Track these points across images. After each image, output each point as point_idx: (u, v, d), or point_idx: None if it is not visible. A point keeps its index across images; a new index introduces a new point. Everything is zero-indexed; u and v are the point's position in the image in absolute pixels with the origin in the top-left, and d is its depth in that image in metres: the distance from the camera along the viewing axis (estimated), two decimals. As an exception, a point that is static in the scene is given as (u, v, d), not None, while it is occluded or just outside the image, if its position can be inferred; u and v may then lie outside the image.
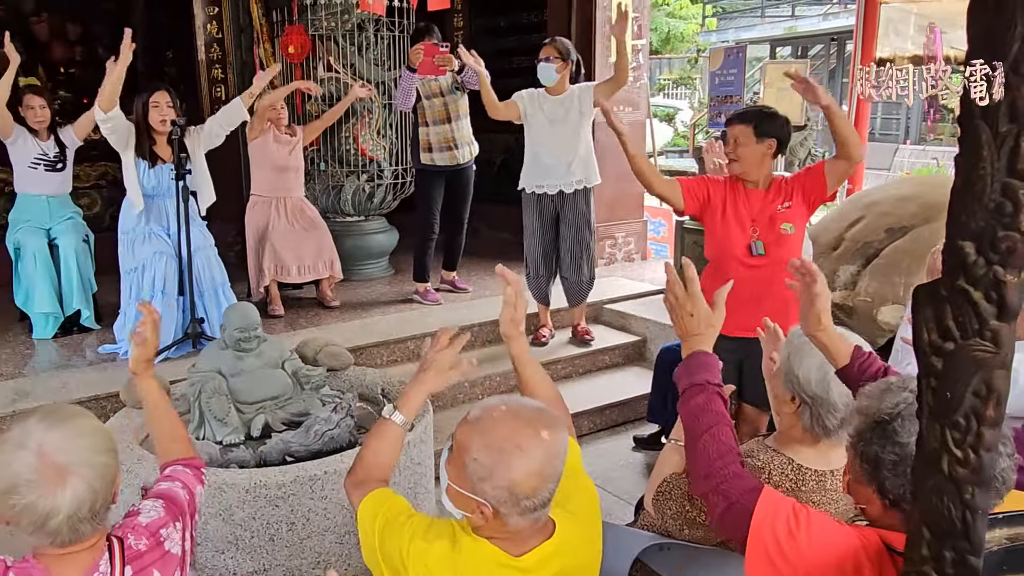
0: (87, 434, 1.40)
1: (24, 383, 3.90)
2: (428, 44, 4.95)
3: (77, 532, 1.38)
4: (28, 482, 1.32)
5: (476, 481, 1.45)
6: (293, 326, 4.84)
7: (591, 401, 4.43)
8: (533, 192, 4.66)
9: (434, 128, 5.26)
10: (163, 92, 4.22)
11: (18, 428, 1.38)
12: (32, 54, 8.05)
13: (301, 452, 3.12)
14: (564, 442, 1.50)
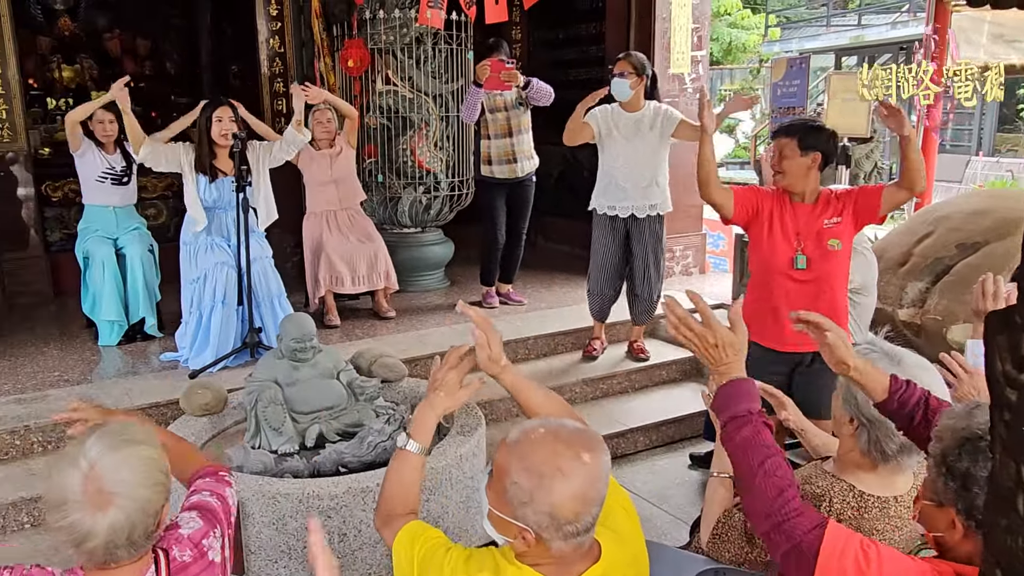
0: (137, 465, 1.42)
1: (89, 389, 4.01)
2: (495, 60, 5.02)
3: (114, 556, 1.40)
4: (74, 501, 1.36)
5: (517, 506, 1.40)
6: (349, 336, 4.87)
7: (647, 417, 4.35)
8: (604, 213, 4.60)
9: (495, 141, 5.30)
10: (225, 107, 4.33)
11: (78, 444, 1.41)
12: (104, 69, 8.37)
13: (354, 463, 3.13)
14: (606, 464, 1.46)
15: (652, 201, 4.54)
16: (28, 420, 3.61)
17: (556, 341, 4.92)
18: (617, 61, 4.47)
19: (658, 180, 4.56)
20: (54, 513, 1.36)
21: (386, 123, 5.77)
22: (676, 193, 6.30)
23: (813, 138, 3.10)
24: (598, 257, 4.67)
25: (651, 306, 4.77)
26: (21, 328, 5.16)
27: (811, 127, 3.16)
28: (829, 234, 3.12)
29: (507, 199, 5.44)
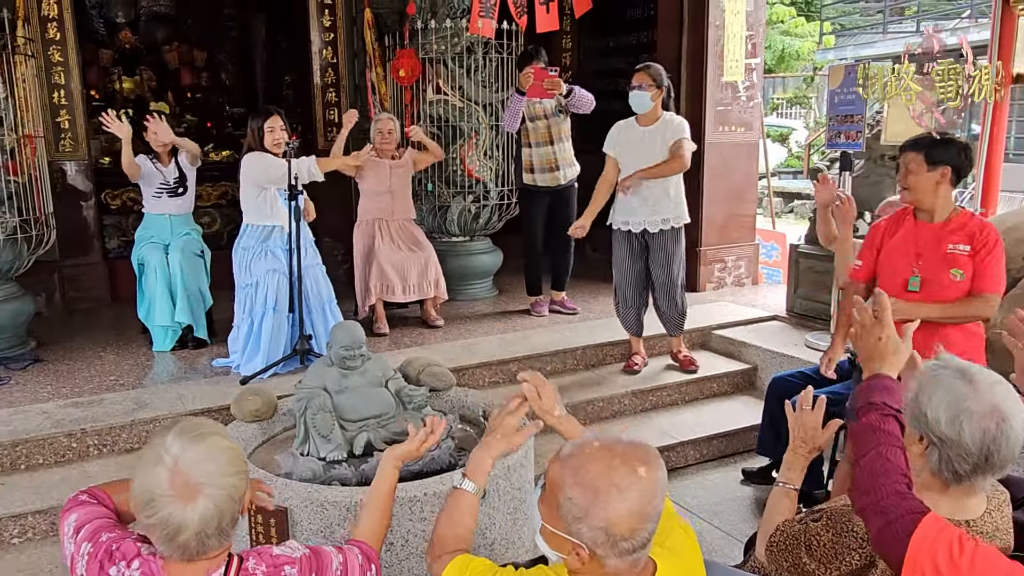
0: (219, 455, 1.45)
1: (143, 394, 4.07)
2: (538, 68, 5.00)
3: (204, 546, 1.43)
4: (163, 496, 1.38)
5: (571, 521, 1.37)
6: (397, 344, 4.88)
7: (697, 430, 4.26)
8: (619, 228, 4.57)
9: (537, 149, 5.28)
10: (276, 116, 4.40)
11: (157, 442, 1.44)
12: (162, 80, 8.58)
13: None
14: (663, 479, 1.42)
15: (663, 215, 4.46)
16: (85, 423, 3.67)
17: (604, 352, 4.86)
18: (635, 73, 4.41)
19: (668, 192, 4.45)
20: (145, 510, 1.40)
21: (436, 132, 5.79)
22: (727, 203, 6.26)
23: (941, 152, 2.99)
24: (618, 273, 4.65)
25: (678, 318, 4.67)
26: (80, 333, 5.29)
27: (939, 140, 3.04)
28: (953, 261, 2.97)
29: (549, 207, 5.42)
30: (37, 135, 4.88)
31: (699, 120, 6.04)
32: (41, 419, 3.74)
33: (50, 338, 5.11)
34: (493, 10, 5.28)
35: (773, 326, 5.35)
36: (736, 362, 4.97)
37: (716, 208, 6.24)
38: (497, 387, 4.48)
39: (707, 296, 6.10)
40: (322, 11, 6.25)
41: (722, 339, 5.17)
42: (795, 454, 2.07)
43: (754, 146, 6.55)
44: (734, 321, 5.38)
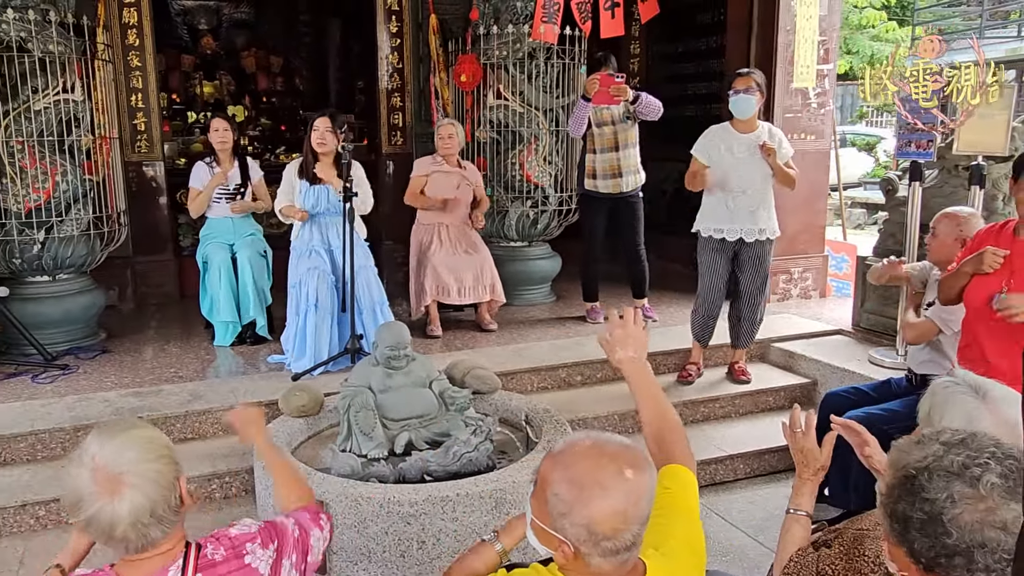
0: (137, 444, 1.45)
1: (200, 386, 4.20)
2: (604, 74, 4.99)
3: (147, 538, 1.42)
4: (89, 494, 1.39)
5: (556, 517, 1.38)
6: (449, 347, 4.91)
7: (749, 444, 4.15)
8: (710, 236, 4.47)
9: (601, 156, 5.25)
10: (324, 119, 4.56)
11: (79, 447, 1.45)
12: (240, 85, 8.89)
13: (439, 472, 3.13)
14: (650, 483, 1.40)
15: (761, 225, 4.39)
16: (143, 412, 3.81)
17: (658, 361, 4.78)
18: (738, 77, 4.33)
19: (766, 203, 4.40)
20: (76, 514, 1.40)
21: (496, 137, 5.82)
22: (796, 213, 6.09)
23: None
24: (707, 280, 4.54)
25: (755, 329, 4.61)
26: (147, 327, 5.51)
27: None
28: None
29: (611, 214, 5.37)
30: (112, 136, 5.10)
31: (767, 128, 5.90)
32: (102, 407, 3.90)
33: (119, 330, 5.33)
34: (556, 15, 5.27)
35: (836, 340, 5.18)
36: (794, 376, 4.83)
37: (783, 218, 6.00)
38: (545, 392, 4.45)
39: (770, 308, 5.91)
40: (389, 17, 6.35)
41: (781, 352, 5.03)
42: (801, 479, 2.03)
43: (825, 154, 6.36)
44: (795, 334, 5.22)
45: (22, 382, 4.28)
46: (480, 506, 2.89)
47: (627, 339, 1.84)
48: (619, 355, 1.85)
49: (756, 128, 4.34)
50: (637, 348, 1.85)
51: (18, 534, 3.30)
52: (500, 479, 2.98)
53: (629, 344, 1.84)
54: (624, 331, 1.85)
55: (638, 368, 1.86)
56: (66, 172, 4.72)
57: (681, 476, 1.68)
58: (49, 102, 4.61)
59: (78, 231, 4.78)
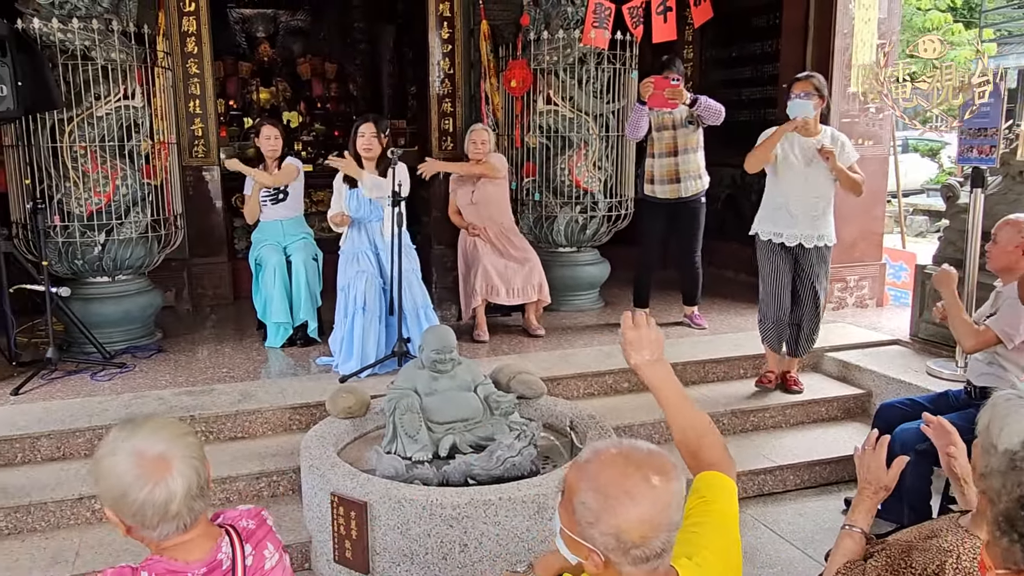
0: (164, 428, 1.49)
1: (250, 386, 4.28)
2: (658, 78, 4.95)
3: (194, 511, 1.46)
4: (136, 479, 1.41)
5: (584, 526, 1.36)
6: (496, 352, 4.91)
7: (799, 455, 4.07)
8: (770, 240, 4.41)
9: (659, 160, 5.21)
10: (369, 124, 4.62)
11: (101, 445, 1.48)
12: (296, 91, 9.05)
13: (482, 476, 3.13)
14: (678, 490, 1.38)
15: (820, 231, 4.31)
16: (194, 411, 3.89)
17: (707, 369, 4.72)
18: (796, 81, 4.25)
19: (827, 210, 4.32)
20: (124, 504, 1.42)
21: (545, 142, 5.81)
22: (854, 221, 5.94)
23: None
24: (770, 285, 4.46)
25: (811, 338, 4.51)
26: (202, 327, 5.63)
27: None
28: None
29: (670, 220, 5.31)
30: (170, 142, 5.23)
31: (823, 133, 5.79)
32: (156, 404, 3.99)
33: (175, 330, 5.46)
34: (608, 20, 5.25)
35: (893, 351, 5.04)
36: (849, 387, 4.72)
37: (838, 225, 5.88)
38: (591, 398, 4.43)
39: (825, 316, 5.79)
40: (441, 23, 6.40)
41: (836, 362, 4.92)
42: (861, 496, 1.99)
43: (884, 160, 6.21)
44: (850, 344, 5.10)
45: (82, 379, 4.41)
46: (522, 511, 2.88)
47: (641, 341, 1.78)
48: (635, 359, 1.79)
49: (819, 132, 4.26)
50: (653, 350, 1.79)
51: (75, 527, 3.39)
52: (543, 484, 2.97)
53: (644, 347, 1.78)
54: (636, 333, 1.79)
55: (657, 371, 1.79)
56: (126, 176, 4.85)
57: (717, 482, 1.64)
58: (111, 108, 4.75)
59: (137, 233, 4.91)
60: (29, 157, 4.69)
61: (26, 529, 3.35)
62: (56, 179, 4.75)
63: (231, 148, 7.05)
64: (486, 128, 5.32)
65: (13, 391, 4.16)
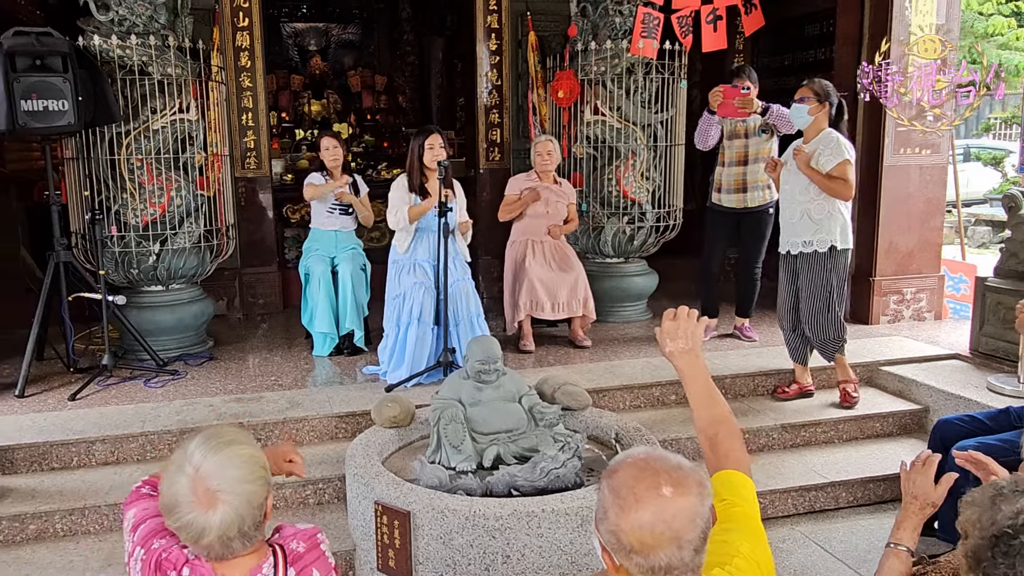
0: (238, 463, 1.51)
1: (297, 394, 4.32)
2: (727, 87, 4.91)
3: (229, 548, 1.50)
4: (186, 502, 1.47)
5: (598, 521, 1.40)
6: (541, 363, 4.89)
7: (852, 471, 3.96)
8: (779, 251, 4.44)
9: (727, 169, 5.17)
10: (436, 135, 4.59)
11: (181, 450, 1.53)
12: (346, 103, 9.19)
13: (526, 487, 3.11)
14: (692, 508, 1.35)
15: (804, 237, 4.22)
16: (244, 418, 3.95)
17: (756, 382, 4.63)
18: (800, 86, 4.19)
19: (811, 214, 4.19)
20: (170, 516, 1.49)
21: (592, 153, 5.78)
22: (910, 231, 5.80)
23: None
24: (779, 296, 4.50)
25: (824, 346, 4.37)
26: (252, 335, 5.73)
27: None
28: None
29: (735, 229, 5.24)
30: (223, 154, 5.34)
31: (878, 141, 5.67)
32: (207, 411, 4.05)
33: (226, 338, 5.56)
34: (656, 30, 5.21)
35: (952, 365, 4.88)
36: (905, 402, 4.58)
37: (894, 235, 5.81)
38: (637, 411, 4.37)
39: (879, 330, 5.67)
40: (489, 35, 6.43)
41: (891, 376, 4.78)
42: (906, 512, 1.94)
43: (942, 169, 6.04)
44: (906, 357, 4.95)
45: (135, 385, 4.51)
46: (566, 523, 2.85)
47: (677, 330, 1.82)
48: (669, 347, 1.83)
49: (817, 137, 4.18)
50: (688, 340, 1.81)
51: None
52: (587, 497, 2.93)
53: (680, 336, 1.82)
54: (674, 323, 1.82)
55: (689, 361, 1.82)
56: (180, 188, 4.96)
57: (736, 483, 1.63)
58: (166, 122, 4.87)
59: (190, 243, 5.02)
60: (88, 169, 4.83)
61: (80, 531, 3.42)
62: (113, 191, 4.89)
63: (283, 160, 7.18)
64: (551, 139, 5.30)
65: (70, 396, 4.28)
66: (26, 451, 3.70)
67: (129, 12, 4.75)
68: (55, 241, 4.55)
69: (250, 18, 5.93)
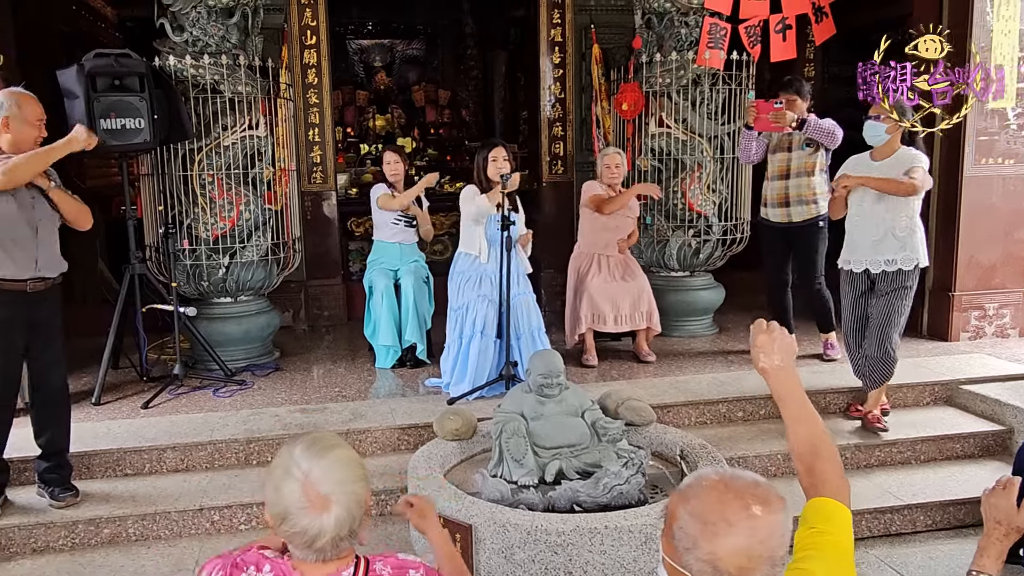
0: (343, 466, 1.54)
1: (361, 406, 4.35)
2: (760, 101, 4.83)
3: (338, 548, 1.54)
4: (299, 509, 1.49)
5: (682, 552, 1.34)
6: (604, 377, 4.83)
7: (931, 494, 3.78)
8: (842, 267, 4.27)
9: (771, 183, 5.07)
10: (500, 148, 4.60)
11: (285, 455, 1.55)
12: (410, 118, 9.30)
13: (588, 503, 3.06)
14: (783, 522, 1.32)
15: (887, 256, 4.04)
16: (307, 428, 3.99)
17: (827, 400, 4.48)
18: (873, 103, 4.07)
19: (895, 231, 4.02)
20: (283, 525, 1.51)
21: (657, 165, 5.71)
22: (990, 243, 5.56)
23: None
24: (843, 315, 4.32)
25: (880, 366, 4.15)
26: (317, 347, 5.80)
27: None
28: None
29: (787, 244, 5.11)
30: (291, 169, 5.45)
31: (958, 152, 5.46)
32: (272, 421, 4.11)
33: (292, 349, 5.65)
34: (723, 40, 5.13)
35: (1039, 385, 4.64)
36: (988, 422, 4.37)
37: (976, 249, 5.57)
38: (703, 427, 4.27)
39: (959, 347, 5.45)
40: (552, 48, 6.43)
41: (973, 395, 4.56)
42: (989, 538, 1.86)
43: (1024, 180, 5.79)
44: (989, 376, 4.73)
45: (204, 395, 4.61)
46: (629, 540, 2.79)
47: (772, 345, 1.72)
48: (763, 362, 1.73)
49: (892, 154, 4.03)
50: (784, 355, 1.72)
51: (195, 536, 3.52)
52: (651, 514, 2.87)
53: (774, 350, 1.71)
54: (769, 336, 1.73)
55: (785, 378, 1.72)
56: (249, 202, 5.07)
57: (831, 512, 1.54)
58: (236, 138, 4.99)
59: (258, 256, 5.12)
60: (162, 185, 4.97)
61: (151, 536, 3.50)
62: (186, 205, 5.02)
63: (348, 174, 7.29)
64: (619, 151, 5.26)
65: (143, 404, 4.40)
66: (102, 457, 3.81)
67: (202, 33, 4.89)
68: (131, 254, 4.70)
69: (317, 36, 6.06)
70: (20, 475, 3.67)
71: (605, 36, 6.33)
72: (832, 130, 4.80)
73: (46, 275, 3.40)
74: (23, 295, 3.33)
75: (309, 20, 6.02)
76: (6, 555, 3.37)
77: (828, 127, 4.80)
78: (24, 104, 3.30)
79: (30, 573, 3.25)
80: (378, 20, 9.50)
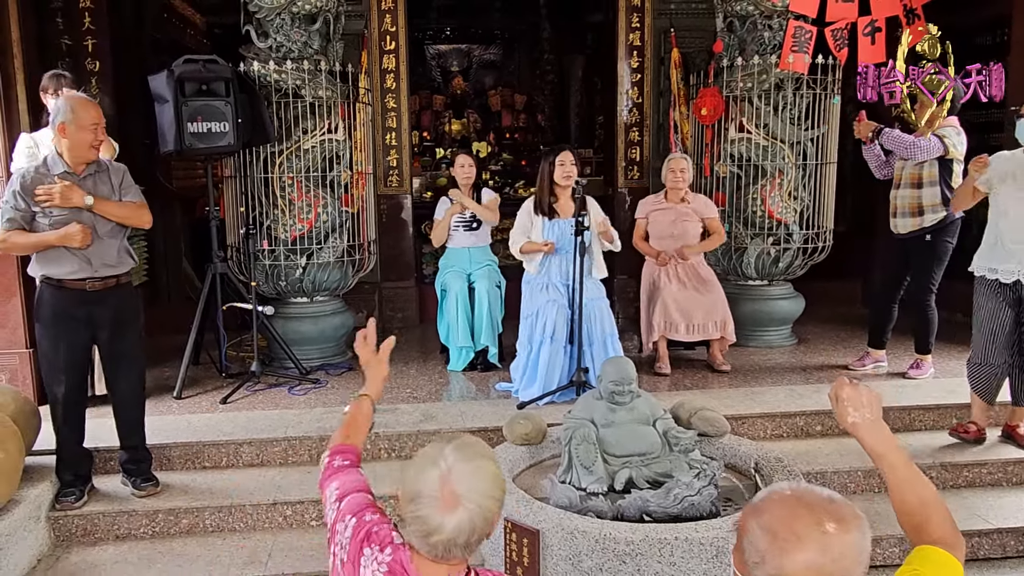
0: (485, 476, 1.53)
1: (432, 407, 4.38)
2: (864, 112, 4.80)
3: (449, 553, 1.51)
4: (429, 496, 1.49)
5: (751, 566, 1.29)
6: (677, 386, 4.74)
7: (1022, 518, 3.59)
8: (984, 276, 3.98)
9: (897, 191, 4.85)
10: (567, 152, 4.60)
11: (437, 447, 1.56)
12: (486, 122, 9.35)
13: (658, 513, 3.01)
14: (856, 543, 1.26)
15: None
16: (379, 428, 4.03)
17: (912, 416, 4.30)
18: None
19: None
20: (409, 505, 1.51)
21: (736, 171, 5.59)
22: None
23: None
24: (984, 326, 4.00)
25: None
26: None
27: None
28: None
29: (904, 256, 4.88)
30: (368, 172, 5.53)
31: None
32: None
33: (365, 350, 5.70)
34: (808, 44, 4.99)
35: None
36: (1086, 443, 4.13)
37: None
38: (779, 440, 4.15)
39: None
40: (630, 52, 6.37)
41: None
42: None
43: None
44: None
45: (280, 392, 4.71)
46: (700, 553, 2.73)
47: (859, 399, 1.62)
48: (854, 416, 1.62)
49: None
50: (873, 409, 1.62)
51: (268, 530, 3.59)
52: (722, 527, 2.81)
53: (863, 403, 1.62)
54: (855, 390, 1.63)
55: (877, 434, 1.61)
56: (327, 204, 5.17)
57: (938, 559, 1.45)
58: (316, 142, 5.09)
59: (334, 258, 5.21)
60: (244, 187, 5.11)
61: (227, 528, 3.58)
62: (266, 207, 5.15)
63: (423, 178, 7.36)
64: (685, 157, 5.18)
65: (222, 400, 4.52)
66: (181, 449, 3.93)
67: (286, 39, 5.01)
68: (213, 253, 4.83)
69: (396, 42, 6.14)
70: (105, 464, 3.81)
71: (685, 40, 6.23)
72: (907, 142, 4.59)
73: (104, 274, 3.47)
74: (82, 293, 3.43)
75: (389, 26, 6.10)
76: (91, 540, 3.50)
77: (903, 139, 4.59)
78: (79, 109, 3.33)
79: (113, 558, 3.37)
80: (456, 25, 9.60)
